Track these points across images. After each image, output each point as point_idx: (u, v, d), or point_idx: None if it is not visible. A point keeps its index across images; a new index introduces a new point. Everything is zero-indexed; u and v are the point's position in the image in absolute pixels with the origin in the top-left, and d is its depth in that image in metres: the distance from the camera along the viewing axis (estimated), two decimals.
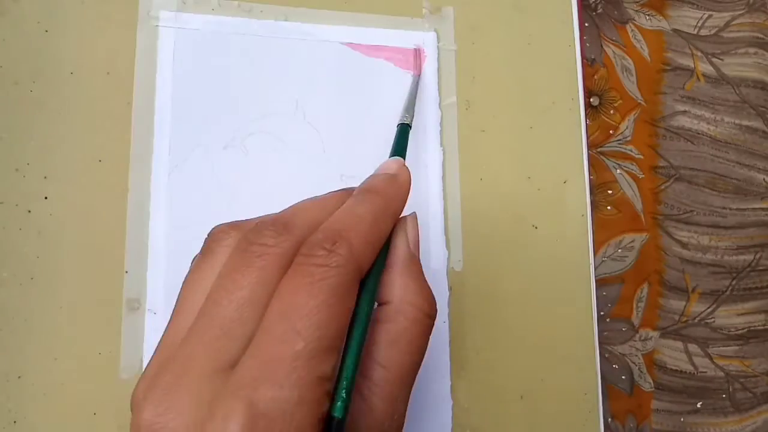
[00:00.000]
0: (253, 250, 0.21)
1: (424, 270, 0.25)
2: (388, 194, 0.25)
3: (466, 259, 0.39)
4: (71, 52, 0.36)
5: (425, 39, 0.41)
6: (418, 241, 0.26)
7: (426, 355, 0.38)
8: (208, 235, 0.24)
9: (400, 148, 0.31)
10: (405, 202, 0.26)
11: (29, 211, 0.35)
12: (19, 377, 0.33)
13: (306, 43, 0.39)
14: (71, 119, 0.36)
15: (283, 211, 0.24)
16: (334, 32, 0.40)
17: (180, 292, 0.23)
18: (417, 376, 0.25)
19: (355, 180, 0.38)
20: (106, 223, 0.35)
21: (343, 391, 0.20)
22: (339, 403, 0.20)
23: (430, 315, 0.24)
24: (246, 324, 0.19)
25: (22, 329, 0.33)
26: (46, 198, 0.35)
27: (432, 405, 0.37)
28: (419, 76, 0.40)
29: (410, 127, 0.32)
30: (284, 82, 0.39)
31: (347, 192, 0.25)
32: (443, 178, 0.40)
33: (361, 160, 0.39)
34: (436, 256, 0.39)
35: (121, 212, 0.35)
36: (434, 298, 0.25)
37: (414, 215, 0.26)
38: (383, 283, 0.24)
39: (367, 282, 0.23)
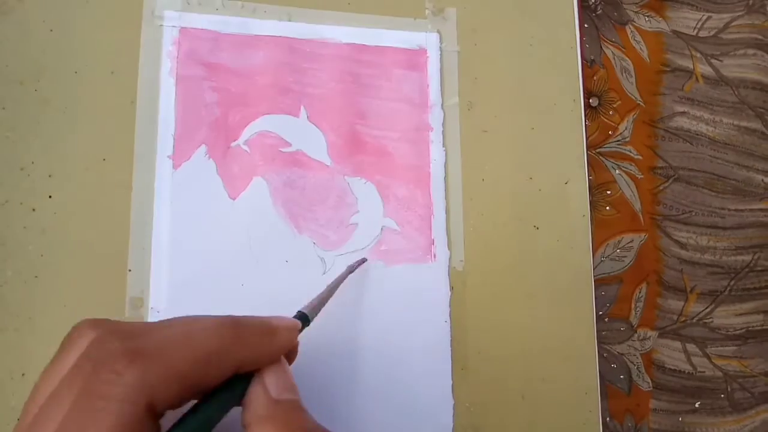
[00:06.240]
0: (84, 368, 0.20)
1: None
2: (248, 340, 0.23)
3: (467, 258, 0.39)
4: (76, 51, 0.37)
5: (428, 40, 0.41)
6: (293, 384, 0.24)
7: (427, 355, 0.38)
8: (73, 326, 0.23)
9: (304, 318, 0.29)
10: (267, 361, 0.24)
11: (34, 210, 0.35)
12: (22, 375, 0.33)
13: (309, 43, 0.39)
14: (76, 118, 0.36)
15: (151, 326, 0.22)
16: (337, 32, 0.40)
17: (32, 389, 0.22)
18: None
19: (357, 179, 0.38)
20: (110, 222, 0.35)
21: None
22: None
23: None
24: None
25: (26, 327, 0.34)
26: (50, 197, 0.35)
27: (433, 404, 0.37)
28: (349, 269, 0.37)
29: (308, 322, 0.29)
30: (288, 82, 0.39)
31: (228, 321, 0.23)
32: (445, 178, 0.40)
33: (364, 162, 0.39)
34: (438, 256, 0.39)
35: (124, 211, 0.36)
36: None
37: (281, 364, 0.25)
38: None
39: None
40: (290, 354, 0.28)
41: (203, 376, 0.22)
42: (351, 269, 0.36)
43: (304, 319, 0.28)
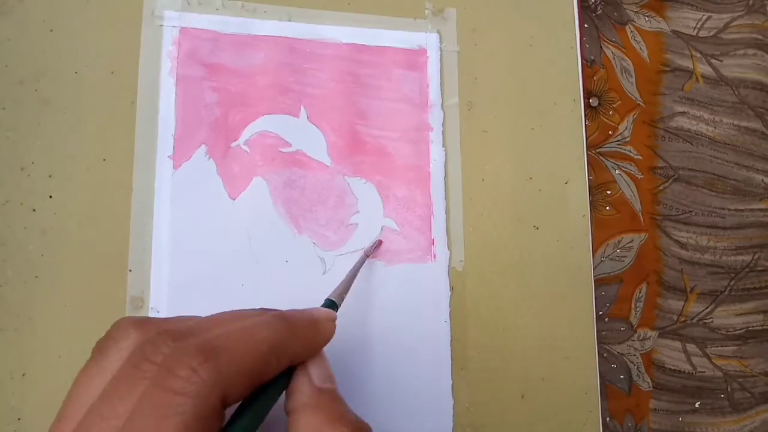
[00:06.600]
0: (144, 368, 0.20)
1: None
2: (299, 333, 0.24)
3: (467, 258, 0.39)
4: (76, 52, 0.37)
5: (428, 40, 0.41)
6: (331, 374, 0.25)
7: (427, 355, 0.38)
8: (111, 326, 0.22)
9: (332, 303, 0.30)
10: (314, 352, 0.25)
11: (34, 210, 0.35)
12: (23, 375, 0.33)
13: (309, 43, 0.39)
14: (76, 118, 0.36)
15: (200, 323, 0.23)
16: (337, 32, 0.40)
17: (69, 392, 0.21)
18: None
19: (357, 179, 0.38)
20: (110, 222, 0.35)
21: None
22: None
23: None
24: None
25: (26, 327, 0.34)
26: (50, 197, 0.35)
27: (433, 404, 0.37)
28: (367, 256, 0.37)
29: (337, 309, 0.30)
30: (288, 82, 0.39)
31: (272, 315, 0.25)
32: (445, 178, 0.40)
33: (364, 162, 0.39)
34: (438, 256, 0.39)
35: (125, 211, 0.36)
36: (360, 428, 0.23)
37: (321, 355, 0.26)
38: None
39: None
40: None
41: (265, 370, 0.22)
42: (368, 253, 0.37)
43: (333, 306, 0.29)
